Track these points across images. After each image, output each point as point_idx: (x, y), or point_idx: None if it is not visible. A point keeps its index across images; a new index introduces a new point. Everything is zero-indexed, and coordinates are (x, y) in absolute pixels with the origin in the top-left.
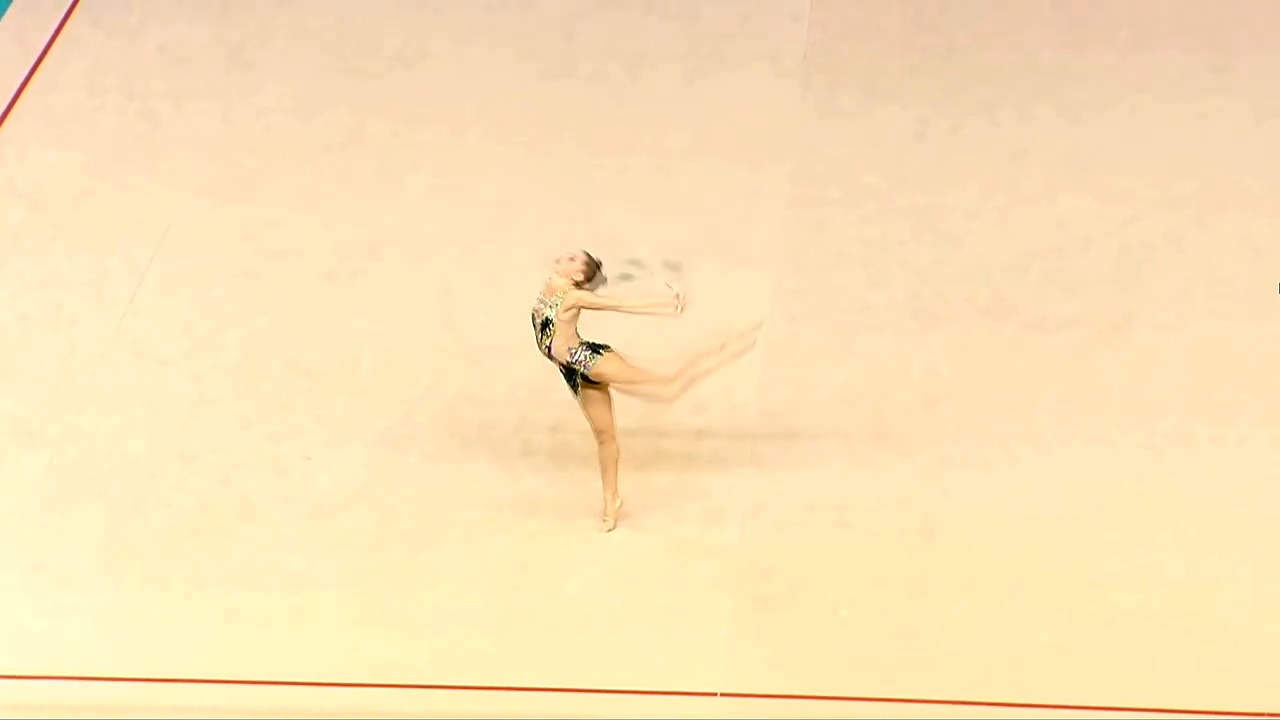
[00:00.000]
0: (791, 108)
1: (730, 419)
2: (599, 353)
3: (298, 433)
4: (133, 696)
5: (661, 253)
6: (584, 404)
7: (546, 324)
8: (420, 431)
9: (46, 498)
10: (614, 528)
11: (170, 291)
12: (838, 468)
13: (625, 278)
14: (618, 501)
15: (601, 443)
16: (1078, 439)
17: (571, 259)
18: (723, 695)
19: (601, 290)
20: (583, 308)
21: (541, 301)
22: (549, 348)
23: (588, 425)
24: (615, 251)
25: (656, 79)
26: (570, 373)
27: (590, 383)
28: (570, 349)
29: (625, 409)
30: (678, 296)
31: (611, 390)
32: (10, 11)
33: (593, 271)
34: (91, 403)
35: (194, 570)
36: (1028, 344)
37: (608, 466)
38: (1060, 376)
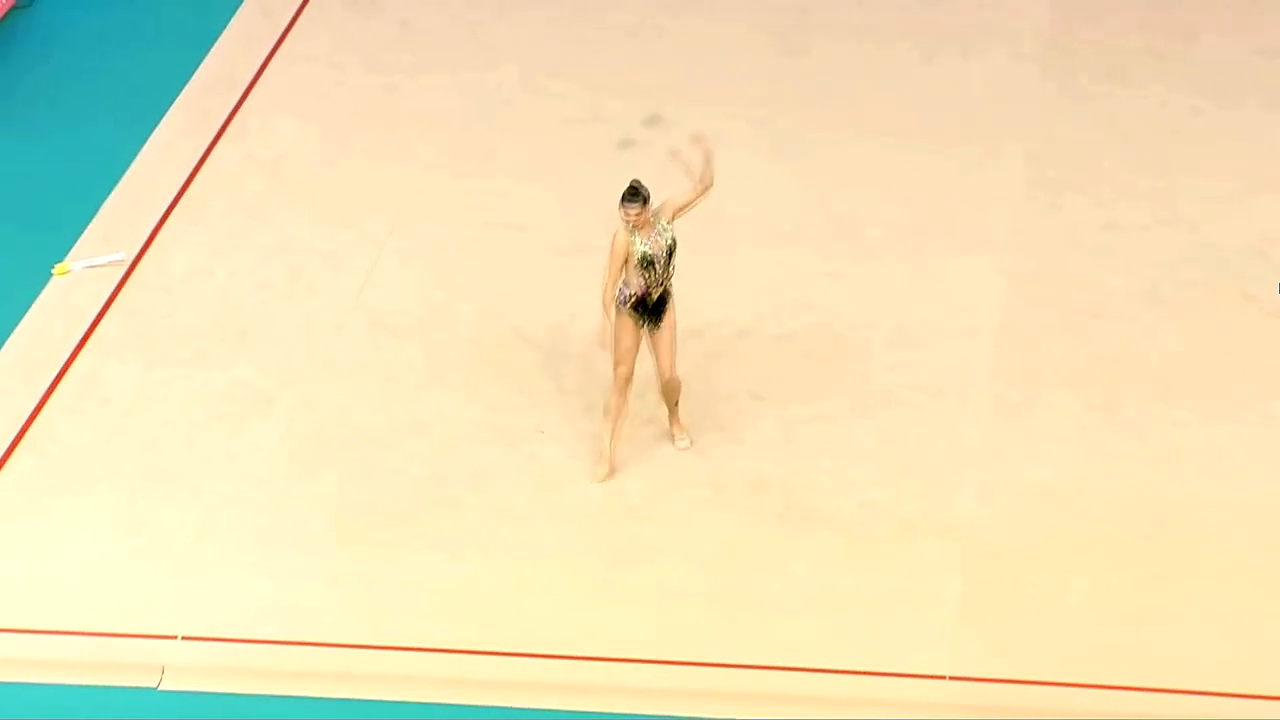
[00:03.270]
0: (1029, 89)
1: (961, 401)
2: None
3: (527, 406)
4: (361, 663)
5: (895, 234)
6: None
7: (673, 247)
8: (650, 408)
9: (281, 465)
10: (688, 444)
11: (406, 263)
12: (1069, 452)
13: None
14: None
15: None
16: None
17: (626, 219)
18: (950, 679)
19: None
20: (679, 211)
21: (659, 234)
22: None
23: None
24: (847, 227)
25: (893, 58)
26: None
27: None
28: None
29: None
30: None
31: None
32: None
33: (639, 198)
34: (327, 372)
35: (423, 539)
36: (1265, 331)
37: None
38: None
